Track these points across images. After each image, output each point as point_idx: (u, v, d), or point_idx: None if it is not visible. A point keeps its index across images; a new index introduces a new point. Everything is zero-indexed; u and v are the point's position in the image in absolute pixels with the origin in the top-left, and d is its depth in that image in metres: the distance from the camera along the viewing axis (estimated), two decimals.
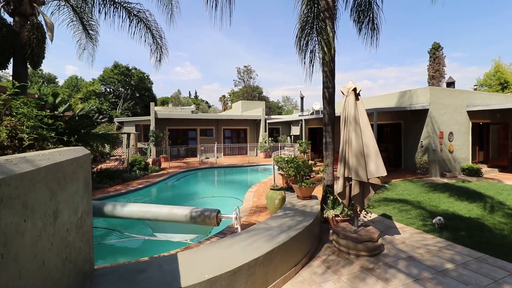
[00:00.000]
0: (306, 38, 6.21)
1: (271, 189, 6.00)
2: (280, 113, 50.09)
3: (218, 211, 4.74)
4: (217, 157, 16.87)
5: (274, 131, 21.68)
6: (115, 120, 21.75)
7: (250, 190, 8.60)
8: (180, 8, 9.88)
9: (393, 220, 5.89)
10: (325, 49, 5.70)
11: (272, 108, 49.73)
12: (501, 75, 20.38)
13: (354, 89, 4.33)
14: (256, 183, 9.80)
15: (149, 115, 16.49)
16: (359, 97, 4.40)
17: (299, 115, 21.08)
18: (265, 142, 18.65)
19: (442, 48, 44.27)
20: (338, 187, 4.35)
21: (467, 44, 70.03)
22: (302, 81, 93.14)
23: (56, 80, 52.69)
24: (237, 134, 20.36)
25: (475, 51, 70.12)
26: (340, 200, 4.50)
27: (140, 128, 20.93)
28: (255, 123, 20.26)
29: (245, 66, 47.85)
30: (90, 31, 11.50)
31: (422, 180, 10.38)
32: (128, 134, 13.37)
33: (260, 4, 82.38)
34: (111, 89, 38.20)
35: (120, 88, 37.61)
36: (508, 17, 56.23)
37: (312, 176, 5.74)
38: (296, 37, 6.26)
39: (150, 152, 16.18)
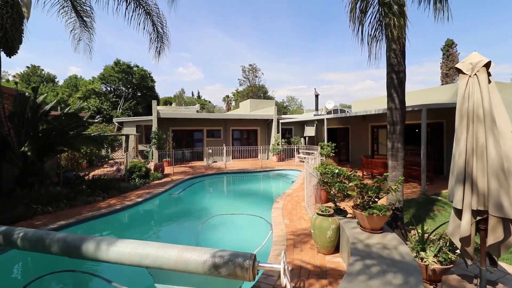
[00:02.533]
0: (364, 5, 4.51)
1: (318, 214, 4.31)
2: (285, 113, 48.34)
3: (255, 258, 3.05)
4: (226, 161, 15.19)
5: (286, 132, 19.97)
6: (114, 120, 20.15)
7: (275, 206, 6.89)
8: None
9: (497, 260, 4.14)
10: (394, 19, 4.00)
11: (277, 108, 48.02)
12: None
13: (487, 65, 2.62)
14: (279, 195, 8.09)
15: (151, 115, 14.86)
16: (490, 78, 2.69)
17: (314, 114, 19.38)
18: (278, 144, 16.94)
19: (456, 45, 42.57)
20: (461, 227, 2.63)
21: (471, 43, 68.32)
22: (304, 81, 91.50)
23: (56, 80, 51.32)
24: (247, 135, 18.66)
25: (478, 50, 68.52)
26: (457, 247, 2.78)
27: (141, 129, 19.33)
28: (266, 123, 18.56)
29: (250, 65, 46.15)
30: (85, 18, 9.93)
31: None
32: (127, 136, 11.73)
33: (263, 5, 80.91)
34: (111, 88, 36.65)
35: (121, 87, 36.02)
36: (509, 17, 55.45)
37: (381, 197, 4.02)
38: (349, 4, 4.57)
39: (152, 155, 14.54)
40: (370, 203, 3.93)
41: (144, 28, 9.75)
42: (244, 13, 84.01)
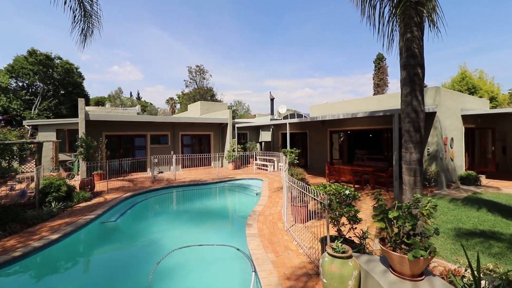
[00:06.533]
0: None
1: (332, 255, 3.10)
2: (233, 117, 47.18)
3: None
4: (175, 171, 13.10)
5: (241, 137, 18.73)
6: (26, 123, 15.90)
7: (250, 233, 5.49)
8: None
9: None
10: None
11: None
12: (469, 80, 21.45)
13: None
14: (249, 214, 6.69)
15: (78, 116, 11.85)
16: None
17: (271, 119, 18.60)
18: (234, 151, 15.54)
19: (385, 59, 48.03)
20: None
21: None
22: (248, 86, 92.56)
23: None
24: (198, 141, 16.71)
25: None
26: None
27: (63, 134, 15.63)
28: (220, 127, 16.97)
29: (197, 66, 43.66)
30: None
31: (441, 195, 8.76)
32: (40, 144, 8.79)
33: (206, 10, 79.21)
34: (24, 84, 29.89)
35: (38, 83, 29.60)
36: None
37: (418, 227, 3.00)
38: None
39: (78, 168, 11.54)
40: (404, 237, 2.89)
41: (65, 2, 7.38)
42: (187, 14, 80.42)
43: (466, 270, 3.11)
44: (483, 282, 2.88)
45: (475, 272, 2.67)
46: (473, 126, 12.55)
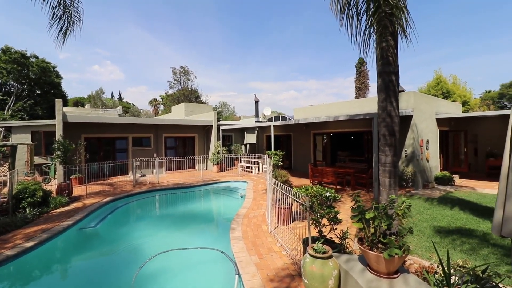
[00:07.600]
0: None
1: (311, 255, 3.19)
2: (218, 119, 46.83)
3: None
4: (158, 174, 12.87)
5: (226, 139, 18.67)
6: None
7: (234, 236, 5.50)
8: None
9: None
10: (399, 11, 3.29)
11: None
12: (444, 85, 22.62)
13: None
14: (233, 218, 6.70)
15: (55, 118, 11.38)
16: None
17: (256, 121, 18.68)
18: (218, 153, 15.48)
19: (366, 63, 49.62)
20: None
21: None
22: (234, 88, 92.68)
23: None
24: (182, 143, 16.50)
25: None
26: None
27: (39, 136, 14.95)
28: (205, 129, 16.85)
29: (181, 67, 43.06)
30: None
31: (417, 195, 9.14)
32: (13, 147, 8.36)
33: (190, 12, 78.78)
34: None
35: (12, 82, 28.07)
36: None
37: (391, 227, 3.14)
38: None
39: (55, 172, 11.06)
40: (381, 237, 3.02)
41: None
42: (171, 15, 79.60)
43: (438, 267, 3.29)
44: (453, 278, 3.07)
45: (446, 268, 2.84)
46: (447, 129, 13.21)
